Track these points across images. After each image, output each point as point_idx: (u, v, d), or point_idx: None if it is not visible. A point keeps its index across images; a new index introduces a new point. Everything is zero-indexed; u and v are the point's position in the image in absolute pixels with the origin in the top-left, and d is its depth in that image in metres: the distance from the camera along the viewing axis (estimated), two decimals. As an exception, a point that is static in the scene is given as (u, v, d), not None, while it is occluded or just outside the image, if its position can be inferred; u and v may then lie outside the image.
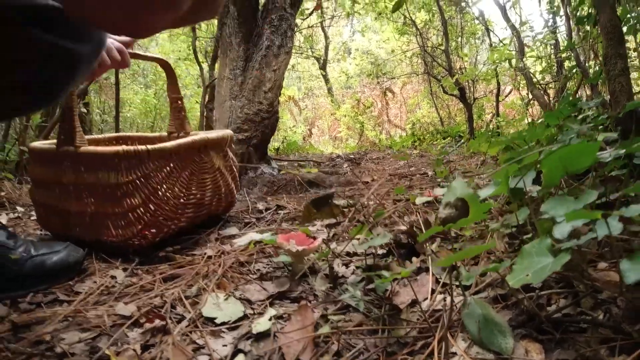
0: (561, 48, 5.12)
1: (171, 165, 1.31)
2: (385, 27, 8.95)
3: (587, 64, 2.95)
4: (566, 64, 4.95)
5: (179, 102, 1.77)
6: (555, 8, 3.73)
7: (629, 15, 2.42)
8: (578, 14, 3.06)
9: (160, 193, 1.28)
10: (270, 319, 0.83)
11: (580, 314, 0.71)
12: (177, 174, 1.33)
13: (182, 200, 1.35)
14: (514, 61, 5.69)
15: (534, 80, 5.41)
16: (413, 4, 7.84)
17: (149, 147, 1.23)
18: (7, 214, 2.01)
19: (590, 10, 2.47)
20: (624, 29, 2.48)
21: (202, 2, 0.41)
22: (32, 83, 0.67)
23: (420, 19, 7.88)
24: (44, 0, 0.59)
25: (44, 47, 0.62)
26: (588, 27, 2.83)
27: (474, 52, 8.61)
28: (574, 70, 3.30)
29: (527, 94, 5.77)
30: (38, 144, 1.45)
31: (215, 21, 6.24)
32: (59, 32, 0.63)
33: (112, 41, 1.22)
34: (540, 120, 5.01)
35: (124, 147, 1.22)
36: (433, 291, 0.87)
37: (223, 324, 0.85)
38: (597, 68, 2.75)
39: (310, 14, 6.44)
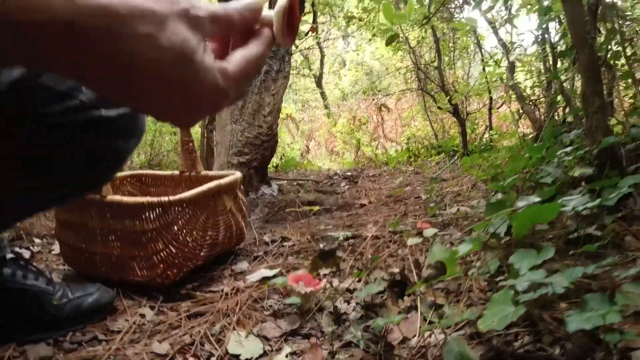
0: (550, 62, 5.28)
1: (190, 212, 1.47)
2: (379, 45, 9.14)
3: (572, 89, 3.11)
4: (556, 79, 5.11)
5: (190, 144, 1.94)
6: (543, 29, 3.88)
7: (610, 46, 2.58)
8: (561, 44, 3.23)
9: (180, 237, 1.44)
10: (286, 356, 0.99)
11: (540, 350, 0.87)
12: (195, 219, 1.49)
13: (199, 242, 1.51)
14: (505, 76, 5.86)
15: (525, 94, 5.57)
16: (406, 20, 8.02)
17: (171, 198, 1.39)
18: (27, 247, 2.15)
19: (571, 44, 2.63)
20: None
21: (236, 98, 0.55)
22: (90, 180, 0.82)
23: (413, 35, 8.07)
24: (108, 112, 0.75)
25: (107, 150, 0.78)
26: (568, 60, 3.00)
27: (467, 66, 8.81)
28: (558, 99, 3.46)
29: (518, 109, 5.94)
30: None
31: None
32: (118, 135, 0.79)
33: None
34: (530, 136, 5.18)
35: (149, 199, 1.38)
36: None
37: (246, 360, 1.01)
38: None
39: (306, 34, 6.63)
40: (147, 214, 1.39)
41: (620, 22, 2.99)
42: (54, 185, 0.77)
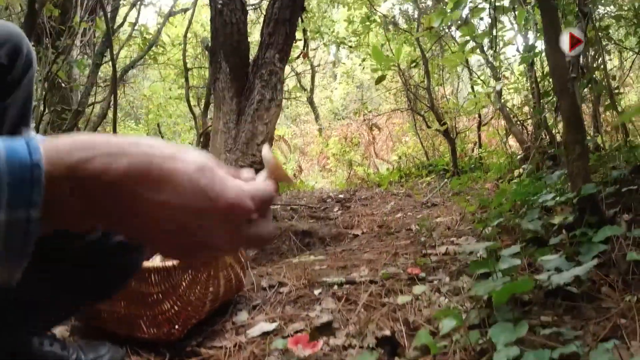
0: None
1: (193, 272, 1.56)
2: (368, 65, 9.27)
3: (555, 121, 3.24)
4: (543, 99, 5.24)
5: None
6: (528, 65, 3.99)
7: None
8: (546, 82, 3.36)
9: (184, 297, 1.53)
10: None
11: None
12: (197, 278, 1.58)
13: (202, 299, 1.60)
14: (492, 97, 5.99)
15: (513, 113, 5.69)
16: (395, 39, 8.20)
17: (175, 263, 1.48)
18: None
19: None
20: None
21: None
22: (100, 292, 0.91)
23: (403, 55, 8.22)
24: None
25: (118, 266, 0.87)
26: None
27: (455, 81, 8.98)
28: (542, 135, 3.59)
29: (506, 129, 6.06)
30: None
31: (207, 71, 6.61)
32: (129, 252, 0.87)
33: None
34: (518, 157, 5.31)
35: (154, 264, 1.47)
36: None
37: None
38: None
39: (297, 58, 6.76)
40: (152, 278, 1.48)
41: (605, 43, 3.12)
42: (61, 298, 0.85)
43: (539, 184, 2.49)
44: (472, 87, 7.38)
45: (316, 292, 1.93)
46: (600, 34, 2.99)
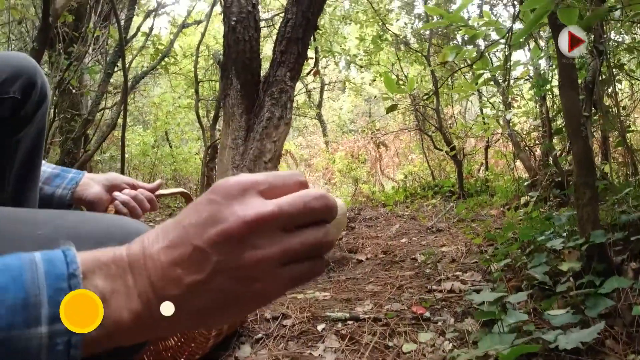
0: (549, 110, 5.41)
1: (198, 309, 1.56)
2: (378, 83, 9.29)
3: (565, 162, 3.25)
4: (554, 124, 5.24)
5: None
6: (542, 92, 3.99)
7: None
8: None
9: (189, 334, 1.53)
10: None
11: None
12: (202, 315, 1.58)
13: (205, 336, 1.60)
14: (501, 120, 6.00)
15: (521, 137, 5.69)
16: (405, 58, 8.24)
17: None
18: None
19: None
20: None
21: None
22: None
23: (413, 72, 8.23)
24: None
25: None
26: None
27: (464, 100, 8.99)
28: (552, 169, 3.59)
29: (513, 156, 6.06)
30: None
31: (217, 83, 6.66)
32: None
33: (143, 191, 1.37)
34: (525, 183, 5.29)
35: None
36: None
37: None
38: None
39: (307, 74, 6.79)
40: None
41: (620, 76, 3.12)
42: None
43: (547, 224, 2.48)
44: (482, 110, 7.39)
45: (319, 327, 1.92)
46: (615, 71, 2.99)
